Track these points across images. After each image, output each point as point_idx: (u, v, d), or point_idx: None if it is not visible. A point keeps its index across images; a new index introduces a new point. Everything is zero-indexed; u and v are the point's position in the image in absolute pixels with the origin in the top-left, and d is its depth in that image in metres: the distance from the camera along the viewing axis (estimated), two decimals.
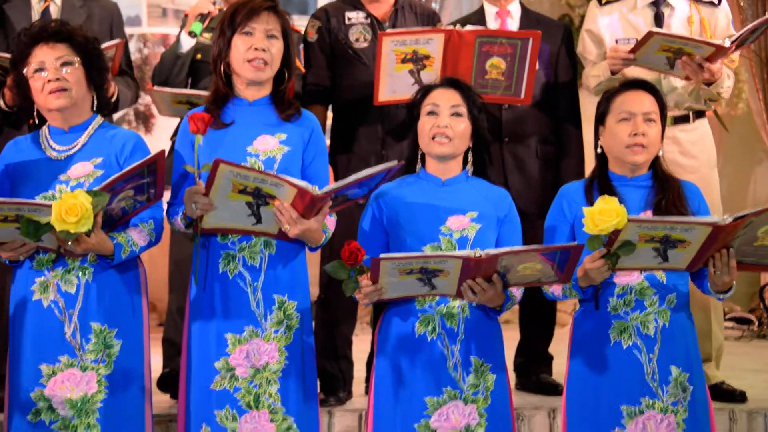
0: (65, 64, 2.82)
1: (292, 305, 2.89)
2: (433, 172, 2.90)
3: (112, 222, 2.78)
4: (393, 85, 3.48)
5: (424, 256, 2.69)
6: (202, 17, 3.65)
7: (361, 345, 3.88)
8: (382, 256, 2.65)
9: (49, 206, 2.57)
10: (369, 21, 3.75)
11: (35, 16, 3.76)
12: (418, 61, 3.50)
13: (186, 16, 3.95)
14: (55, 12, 3.73)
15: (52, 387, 2.78)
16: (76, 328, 2.79)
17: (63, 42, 2.83)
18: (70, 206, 2.57)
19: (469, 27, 3.50)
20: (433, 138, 2.84)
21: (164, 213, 2.92)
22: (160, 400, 3.49)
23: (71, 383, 2.78)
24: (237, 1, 2.96)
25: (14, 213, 2.60)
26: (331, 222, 2.90)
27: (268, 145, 2.93)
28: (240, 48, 2.87)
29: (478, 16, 3.98)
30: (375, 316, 3.73)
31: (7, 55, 3.14)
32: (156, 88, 3.60)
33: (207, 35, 3.64)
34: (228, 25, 2.90)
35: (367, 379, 3.69)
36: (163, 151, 2.74)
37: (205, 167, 2.71)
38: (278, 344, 2.89)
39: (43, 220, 2.59)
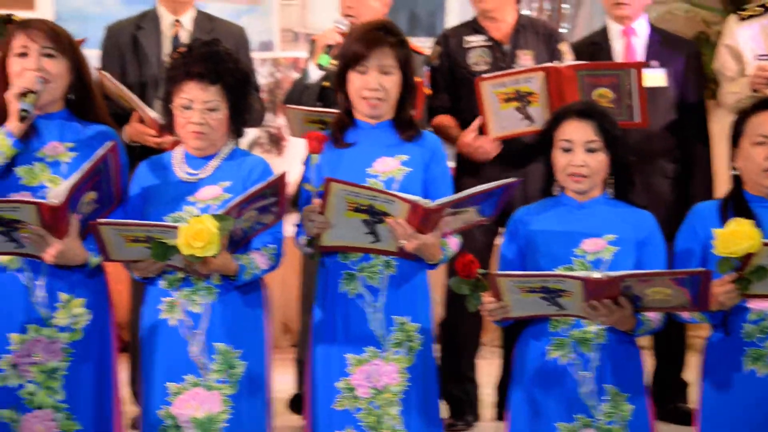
0: (212, 110, 2.87)
1: (413, 326, 2.89)
2: (572, 196, 2.87)
3: (235, 243, 2.82)
4: (502, 123, 3.52)
5: (541, 274, 2.65)
6: (329, 48, 3.69)
7: (487, 368, 3.86)
8: (497, 272, 2.63)
9: (177, 228, 2.64)
10: (489, 44, 3.77)
11: (166, 42, 3.92)
12: (522, 98, 3.52)
13: (314, 41, 4.03)
14: (184, 38, 3.87)
15: (178, 405, 2.83)
16: (202, 347, 2.84)
17: (215, 84, 2.86)
18: (197, 231, 2.62)
19: (567, 62, 3.50)
20: (569, 175, 2.82)
21: (284, 235, 2.97)
22: (290, 419, 3.54)
23: (196, 402, 2.82)
24: (355, 33, 2.99)
25: (144, 234, 2.68)
26: (453, 242, 2.89)
27: (388, 166, 2.95)
28: (355, 84, 2.91)
29: (602, 36, 3.97)
30: (506, 338, 3.74)
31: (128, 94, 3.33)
32: (290, 106, 3.66)
33: (334, 62, 3.65)
34: (343, 59, 2.94)
35: (498, 404, 3.70)
36: (284, 173, 2.77)
37: (324, 187, 2.74)
38: (399, 366, 2.89)
39: (171, 242, 2.66)
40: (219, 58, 2.92)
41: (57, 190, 2.74)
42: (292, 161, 4.53)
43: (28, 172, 2.86)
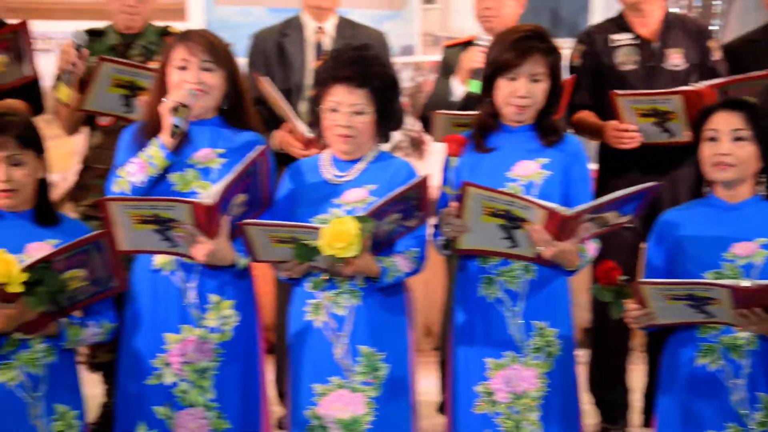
0: (359, 113, 2.89)
1: (551, 332, 2.87)
2: (722, 197, 2.79)
3: (378, 245, 2.84)
4: (642, 133, 3.47)
5: (687, 282, 2.58)
6: (477, 72, 3.59)
7: (638, 373, 3.81)
8: (640, 280, 2.59)
9: (319, 229, 2.68)
10: (637, 42, 3.68)
11: (309, 49, 3.99)
12: (660, 115, 3.45)
13: (446, 47, 4.07)
14: (327, 44, 3.94)
15: (324, 406, 2.86)
16: (346, 350, 2.87)
17: (362, 88, 2.88)
18: (338, 232, 2.66)
19: (705, 82, 3.40)
20: (715, 165, 2.73)
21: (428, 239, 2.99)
22: (437, 422, 3.54)
23: (341, 404, 2.86)
24: (505, 40, 2.94)
25: (289, 235, 2.73)
26: (591, 247, 2.86)
27: (528, 170, 2.93)
28: (503, 90, 2.90)
29: (763, 33, 3.84)
30: (651, 343, 3.68)
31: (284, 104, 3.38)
32: (438, 111, 3.67)
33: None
34: (493, 65, 2.93)
35: (645, 410, 3.65)
36: (427, 176, 2.79)
37: (461, 190, 2.76)
38: (538, 371, 2.87)
39: (313, 243, 2.70)
40: (367, 62, 2.95)
41: (210, 191, 2.81)
42: (433, 165, 4.54)
43: (181, 178, 2.93)
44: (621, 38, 3.73)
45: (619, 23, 3.75)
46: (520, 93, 2.89)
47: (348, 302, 2.88)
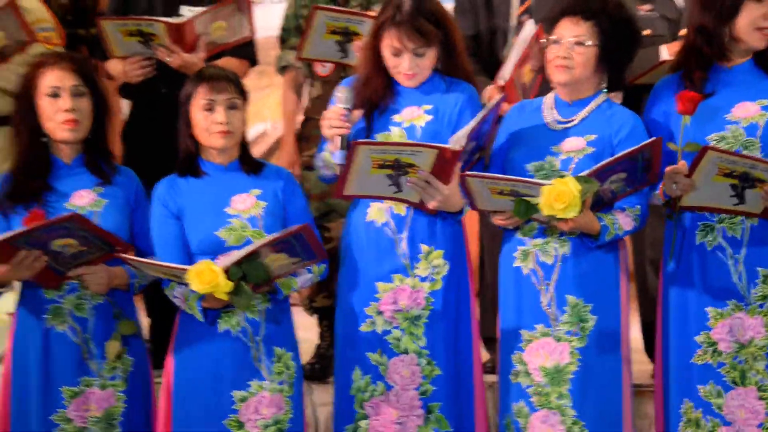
0: (579, 44, 2.92)
1: None
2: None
3: (599, 202, 2.86)
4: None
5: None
6: None
7: None
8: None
9: (539, 184, 2.73)
10: None
11: None
12: None
13: None
14: None
15: (529, 353, 2.91)
16: (552, 298, 2.89)
17: (588, 21, 2.91)
18: (559, 192, 2.71)
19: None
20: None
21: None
22: (644, 370, 3.54)
23: (545, 351, 2.90)
24: None
25: (510, 188, 2.78)
26: None
27: (749, 112, 2.86)
28: (753, 13, 2.81)
29: None
30: None
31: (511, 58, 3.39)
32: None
33: None
34: None
35: None
36: (660, 138, 2.80)
37: (688, 146, 2.73)
38: (765, 319, 2.82)
39: (534, 201, 2.75)
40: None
41: (457, 136, 2.88)
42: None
43: (385, 137, 3.02)
44: None
45: None
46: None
47: (556, 251, 2.90)
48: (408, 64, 3.01)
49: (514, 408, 3.02)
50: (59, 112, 2.94)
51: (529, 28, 3.58)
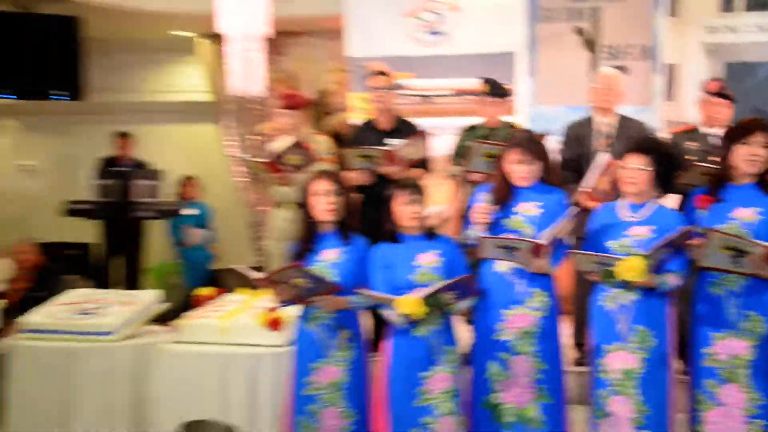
0: (641, 169, 3.39)
1: None
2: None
3: (656, 267, 3.27)
4: None
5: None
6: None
7: None
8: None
9: (617, 259, 3.25)
10: None
11: (597, 135, 4.51)
12: None
13: (674, 133, 4.41)
14: (611, 131, 4.47)
15: (610, 359, 3.40)
16: (627, 325, 3.41)
17: (648, 154, 3.38)
18: (630, 266, 3.20)
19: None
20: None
21: None
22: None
23: (620, 359, 3.39)
24: (740, 123, 3.42)
25: (596, 261, 3.27)
26: None
27: (744, 215, 3.38)
28: (740, 151, 3.34)
29: None
30: None
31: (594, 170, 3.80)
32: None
33: None
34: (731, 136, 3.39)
35: None
36: (690, 229, 3.30)
37: (703, 230, 3.24)
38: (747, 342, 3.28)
39: (613, 270, 3.25)
40: (649, 139, 3.60)
41: (545, 232, 3.35)
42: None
43: (512, 222, 3.54)
44: None
45: None
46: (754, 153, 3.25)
47: (628, 297, 3.38)
48: (524, 169, 3.48)
49: (600, 393, 3.43)
50: (325, 204, 3.58)
51: (604, 157, 4.08)
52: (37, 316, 4.40)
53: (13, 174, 8.87)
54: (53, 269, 6.07)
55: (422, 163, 4.51)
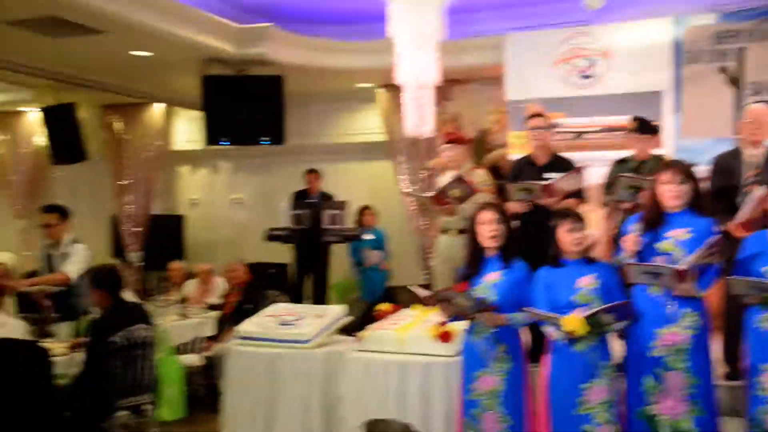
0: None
1: None
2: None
3: None
4: None
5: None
6: None
7: None
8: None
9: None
10: None
11: (746, 165, 4.31)
12: None
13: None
14: (759, 162, 4.26)
15: (765, 376, 3.26)
16: None
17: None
18: None
19: None
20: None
21: None
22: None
23: None
24: None
25: (753, 284, 3.17)
26: None
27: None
28: None
29: None
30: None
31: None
32: None
33: None
34: None
35: None
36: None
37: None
38: None
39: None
40: None
41: (688, 259, 3.26)
42: None
43: (662, 246, 3.40)
44: None
45: None
46: None
47: None
48: (674, 189, 3.41)
49: (759, 409, 3.31)
50: (489, 232, 3.64)
51: (760, 190, 3.94)
52: (249, 325, 4.66)
53: (227, 206, 9.67)
54: (258, 285, 6.32)
55: (577, 193, 4.51)
